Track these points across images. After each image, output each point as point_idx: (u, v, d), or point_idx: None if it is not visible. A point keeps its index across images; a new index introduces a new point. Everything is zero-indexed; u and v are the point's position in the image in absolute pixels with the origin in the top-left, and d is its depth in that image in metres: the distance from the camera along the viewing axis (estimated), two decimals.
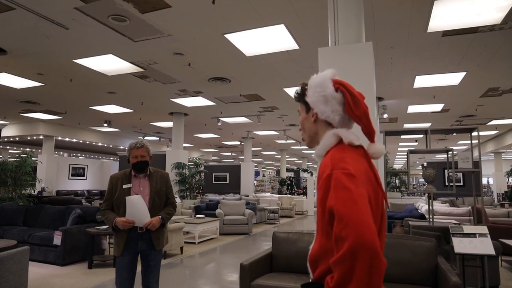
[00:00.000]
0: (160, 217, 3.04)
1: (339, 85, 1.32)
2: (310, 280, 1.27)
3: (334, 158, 1.20)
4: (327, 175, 1.15)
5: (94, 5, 5.04)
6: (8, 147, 21.09)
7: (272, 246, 4.16)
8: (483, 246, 3.84)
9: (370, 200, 1.15)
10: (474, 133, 4.85)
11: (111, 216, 2.97)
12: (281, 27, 5.66)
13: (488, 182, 26.66)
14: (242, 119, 13.39)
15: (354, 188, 1.09)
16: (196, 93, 9.78)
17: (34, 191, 12.98)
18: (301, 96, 1.43)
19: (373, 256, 0.98)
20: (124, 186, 3.02)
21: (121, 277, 2.98)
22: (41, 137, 15.15)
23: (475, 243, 3.88)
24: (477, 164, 5.14)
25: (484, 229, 3.92)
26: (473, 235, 3.93)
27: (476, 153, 12.02)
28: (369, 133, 1.34)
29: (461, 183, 11.80)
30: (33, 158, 10.37)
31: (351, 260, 0.98)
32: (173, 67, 7.61)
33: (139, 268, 3.06)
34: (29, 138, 15.54)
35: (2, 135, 10.50)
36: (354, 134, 1.30)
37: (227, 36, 6.00)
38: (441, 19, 5.31)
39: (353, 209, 1.04)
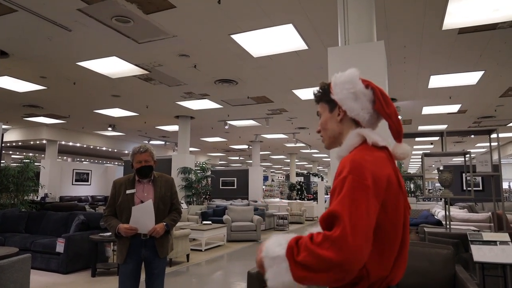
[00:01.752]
0: (165, 223, 2.97)
1: (368, 83, 1.30)
2: None
3: (355, 160, 1.15)
4: (343, 177, 1.12)
5: (97, 6, 4.97)
6: (10, 152, 21.10)
7: None
8: (505, 254, 3.65)
9: (386, 208, 1.14)
10: (493, 135, 4.66)
11: (114, 223, 2.91)
12: (289, 27, 5.55)
13: (509, 186, 26.01)
14: (250, 122, 13.27)
15: (365, 201, 1.07)
16: (202, 96, 9.67)
17: (37, 197, 12.88)
18: (323, 95, 1.39)
19: (346, 277, 1.01)
20: (128, 192, 2.97)
21: (124, 285, 2.90)
22: (44, 141, 15.13)
23: (496, 251, 3.71)
24: (496, 167, 4.94)
25: (505, 237, 3.75)
26: (493, 242, 3.76)
27: (495, 156, 11.75)
28: (398, 132, 1.31)
29: (480, 188, 11.45)
30: (36, 163, 10.28)
31: (325, 267, 1.00)
32: (178, 69, 7.49)
33: (143, 277, 2.97)
34: (32, 142, 15.53)
35: (4, 140, 10.40)
36: (379, 135, 1.26)
37: (234, 36, 5.89)
38: (457, 16, 5.13)
39: (356, 227, 1.03)
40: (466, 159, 5.00)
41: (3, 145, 7.39)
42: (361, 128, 1.28)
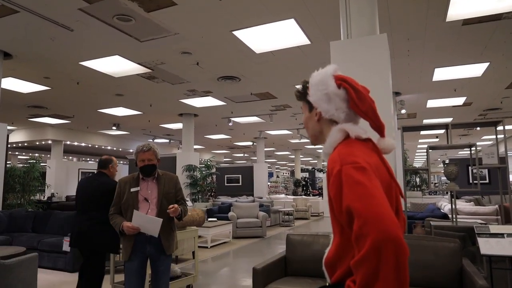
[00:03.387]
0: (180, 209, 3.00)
1: (341, 81, 1.28)
2: (327, 284, 1.22)
3: (342, 153, 1.17)
4: (337, 171, 1.12)
5: (98, 5, 4.96)
6: (16, 153, 21.20)
7: (286, 249, 4.02)
8: None
9: None
10: (500, 127, 4.62)
11: (119, 220, 2.93)
12: (291, 22, 5.51)
13: None
14: (254, 119, 13.23)
15: (368, 181, 1.06)
16: (206, 93, 9.65)
17: (44, 196, 12.94)
18: (302, 95, 1.40)
19: (398, 249, 0.95)
20: (132, 190, 2.98)
21: (130, 282, 2.91)
22: (49, 142, 15.20)
23: (503, 243, 3.65)
24: (503, 159, 4.90)
25: None
26: (500, 235, 3.70)
27: (502, 148, 11.65)
28: (378, 128, 1.30)
29: (487, 181, 11.36)
30: (41, 164, 10.33)
31: (376, 257, 0.94)
32: (181, 66, 7.47)
33: (148, 275, 3.00)
34: (37, 143, 15.60)
35: (10, 141, 10.46)
36: (361, 128, 1.27)
37: (236, 33, 5.86)
38: (460, 7, 5.06)
39: (370, 203, 1.00)
40: (472, 151, 4.95)
41: (8, 146, 7.42)
42: (342, 124, 1.28)
